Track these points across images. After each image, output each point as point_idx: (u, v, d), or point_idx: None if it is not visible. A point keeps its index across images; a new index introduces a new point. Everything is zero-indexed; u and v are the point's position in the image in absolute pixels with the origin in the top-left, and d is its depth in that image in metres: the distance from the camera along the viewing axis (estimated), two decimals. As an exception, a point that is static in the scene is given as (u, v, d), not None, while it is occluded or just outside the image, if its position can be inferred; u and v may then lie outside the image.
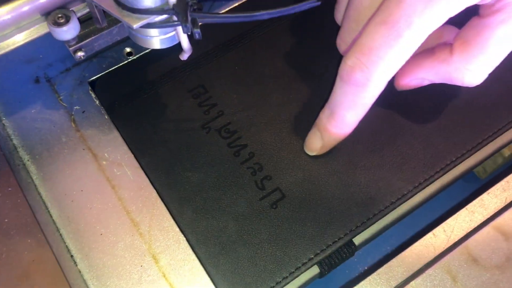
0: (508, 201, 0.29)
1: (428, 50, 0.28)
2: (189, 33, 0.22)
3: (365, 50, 0.24)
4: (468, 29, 0.26)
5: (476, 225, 0.29)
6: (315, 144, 0.28)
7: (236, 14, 0.21)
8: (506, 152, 0.34)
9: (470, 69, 0.26)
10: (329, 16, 0.30)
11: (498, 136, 0.30)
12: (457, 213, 0.29)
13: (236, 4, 0.34)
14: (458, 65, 0.26)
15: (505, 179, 0.30)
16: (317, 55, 0.32)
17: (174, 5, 0.21)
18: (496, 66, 0.27)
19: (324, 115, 0.27)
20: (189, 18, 0.21)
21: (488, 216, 0.29)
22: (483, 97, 0.30)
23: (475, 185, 0.34)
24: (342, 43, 0.29)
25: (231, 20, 0.22)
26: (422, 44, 0.28)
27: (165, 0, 0.21)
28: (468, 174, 0.33)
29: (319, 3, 0.22)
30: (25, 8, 0.26)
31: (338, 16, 0.29)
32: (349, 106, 0.26)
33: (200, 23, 0.22)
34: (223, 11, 0.34)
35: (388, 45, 0.24)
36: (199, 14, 0.21)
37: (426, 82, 0.29)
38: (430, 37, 0.28)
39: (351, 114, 0.26)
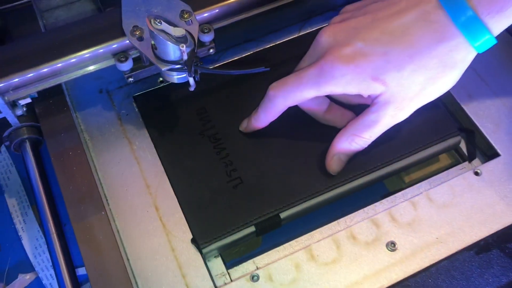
0: (387, 208, 0.44)
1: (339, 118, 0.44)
2: (192, 77, 0.39)
3: (281, 82, 0.41)
4: (361, 113, 0.41)
5: (365, 219, 0.44)
6: (243, 125, 0.45)
7: (218, 70, 0.38)
8: (407, 179, 0.49)
9: (357, 137, 0.41)
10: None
11: (390, 164, 0.45)
12: (357, 211, 0.44)
13: (235, 59, 0.51)
14: (351, 133, 0.41)
15: (394, 195, 0.45)
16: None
17: (185, 60, 0.38)
18: (373, 139, 0.41)
19: (253, 111, 0.44)
20: (193, 69, 0.38)
21: (373, 215, 0.44)
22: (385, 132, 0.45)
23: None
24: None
25: (215, 72, 0.39)
26: (330, 113, 0.44)
27: (181, 57, 0.39)
28: (379, 186, 0.48)
29: (268, 69, 0.39)
30: (90, 54, 0.43)
31: None
32: (263, 110, 0.43)
33: (199, 72, 0.39)
34: (226, 62, 0.51)
35: (292, 85, 0.40)
36: (198, 67, 0.38)
37: (342, 157, 0.43)
38: (335, 112, 0.44)
39: (263, 115, 0.43)
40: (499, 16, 0.35)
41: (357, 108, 0.44)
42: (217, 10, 0.45)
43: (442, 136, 0.46)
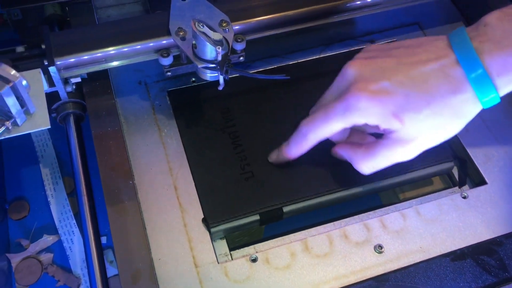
0: (379, 216, 0.49)
1: (352, 142, 0.47)
2: (224, 76, 0.45)
3: (312, 118, 0.45)
4: (372, 142, 0.45)
5: (358, 222, 0.49)
6: (273, 157, 0.49)
7: (245, 72, 0.44)
8: (401, 196, 0.54)
9: (362, 163, 0.44)
10: (322, 86, 0.48)
11: (387, 178, 0.50)
12: (351, 217, 0.49)
13: (260, 70, 0.57)
14: (358, 157, 0.45)
15: (388, 207, 0.50)
16: (305, 104, 0.51)
17: (219, 61, 0.44)
18: (376, 170, 0.44)
19: (284, 143, 0.48)
20: (225, 69, 0.44)
21: (366, 221, 0.49)
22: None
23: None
24: (311, 111, 0.49)
25: (242, 74, 0.45)
26: (352, 138, 0.48)
27: (216, 58, 0.45)
28: (375, 198, 0.53)
29: (288, 77, 0.45)
30: (138, 46, 0.49)
31: (311, 110, 0.48)
32: (295, 144, 0.46)
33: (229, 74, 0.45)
34: (252, 71, 0.57)
35: (321, 120, 0.43)
36: (229, 68, 0.45)
37: (343, 158, 0.47)
38: (357, 136, 0.48)
39: (294, 149, 0.47)
40: (506, 77, 0.39)
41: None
42: (250, 24, 0.51)
43: (437, 160, 0.51)
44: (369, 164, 0.45)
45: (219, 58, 0.44)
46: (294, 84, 0.55)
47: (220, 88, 0.48)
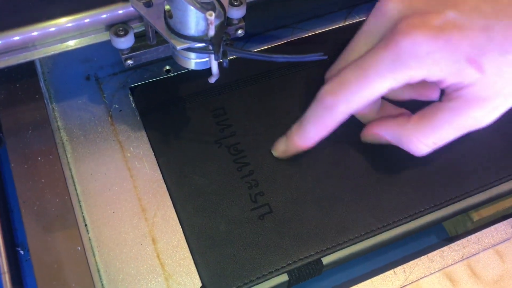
0: (464, 256, 0.33)
1: (393, 116, 0.34)
2: (219, 61, 0.28)
3: (340, 81, 0.30)
4: (428, 107, 0.32)
5: (432, 271, 0.33)
6: (280, 147, 0.34)
7: (258, 53, 0.27)
8: (475, 217, 0.38)
9: (417, 139, 0.32)
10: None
11: (464, 198, 0.34)
12: (419, 258, 0.34)
13: (264, 48, 0.40)
14: (410, 132, 0.32)
15: (467, 238, 0.35)
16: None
17: (212, 37, 0.27)
18: (438, 146, 0.32)
19: (294, 126, 0.34)
20: (221, 50, 0.27)
21: (444, 266, 0.33)
22: (455, 162, 0.35)
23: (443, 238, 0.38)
24: (329, 74, 0.35)
25: (253, 57, 0.28)
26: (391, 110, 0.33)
27: (205, 32, 0.27)
28: (437, 228, 0.38)
29: (326, 57, 0.28)
30: (87, 20, 0.32)
31: (328, 75, 0.36)
32: (314, 123, 0.32)
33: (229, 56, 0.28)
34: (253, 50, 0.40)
35: (356, 82, 0.30)
36: (229, 48, 0.27)
37: (383, 140, 0.34)
38: (389, 110, 0.33)
39: (313, 130, 0.32)
40: None
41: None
42: (251, -22, 0.34)
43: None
44: (428, 138, 0.32)
45: (212, 32, 0.27)
46: (312, 66, 0.38)
47: (213, 80, 0.31)
